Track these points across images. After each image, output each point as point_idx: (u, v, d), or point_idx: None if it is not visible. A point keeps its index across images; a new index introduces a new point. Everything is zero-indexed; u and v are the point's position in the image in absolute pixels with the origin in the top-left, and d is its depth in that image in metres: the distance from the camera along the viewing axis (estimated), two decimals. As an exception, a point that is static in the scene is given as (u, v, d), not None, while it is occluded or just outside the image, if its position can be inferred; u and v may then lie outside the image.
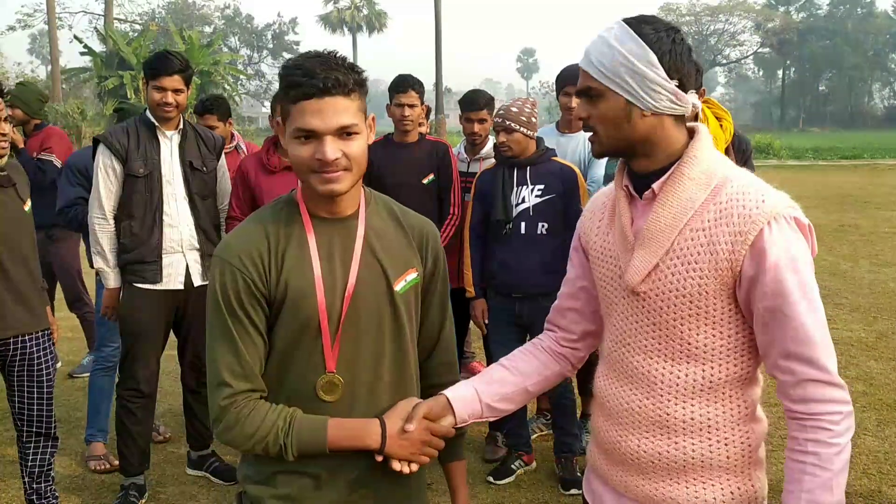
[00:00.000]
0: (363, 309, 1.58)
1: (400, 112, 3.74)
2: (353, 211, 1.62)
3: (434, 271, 1.72)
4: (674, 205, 1.44)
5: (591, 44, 1.47)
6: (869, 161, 27.79)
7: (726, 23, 67.39)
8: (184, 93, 3.43)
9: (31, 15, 43.12)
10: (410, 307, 1.65)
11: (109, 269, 3.45)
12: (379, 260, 1.60)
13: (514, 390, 1.71)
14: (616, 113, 1.44)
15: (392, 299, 1.61)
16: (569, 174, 3.59)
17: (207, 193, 3.58)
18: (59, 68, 32.46)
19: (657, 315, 1.47)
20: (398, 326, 1.62)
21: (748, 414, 1.49)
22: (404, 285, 1.63)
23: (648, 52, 1.41)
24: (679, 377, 1.47)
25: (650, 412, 1.50)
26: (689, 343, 1.45)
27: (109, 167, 3.38)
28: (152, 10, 57.20)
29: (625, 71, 1.41)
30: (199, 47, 33.83)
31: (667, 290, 1.44)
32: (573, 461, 3.77)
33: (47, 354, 3.09)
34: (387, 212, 1.68)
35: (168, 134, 3.47)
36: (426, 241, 1.70)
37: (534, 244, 3.54)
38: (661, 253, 1.44)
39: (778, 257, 1.35)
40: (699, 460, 1.48)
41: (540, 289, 3.57)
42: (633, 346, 1.52)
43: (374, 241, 1.61)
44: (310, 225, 1.58)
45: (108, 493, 3.68)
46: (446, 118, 29.13)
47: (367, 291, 1.58)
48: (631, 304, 1.52)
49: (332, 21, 60.68)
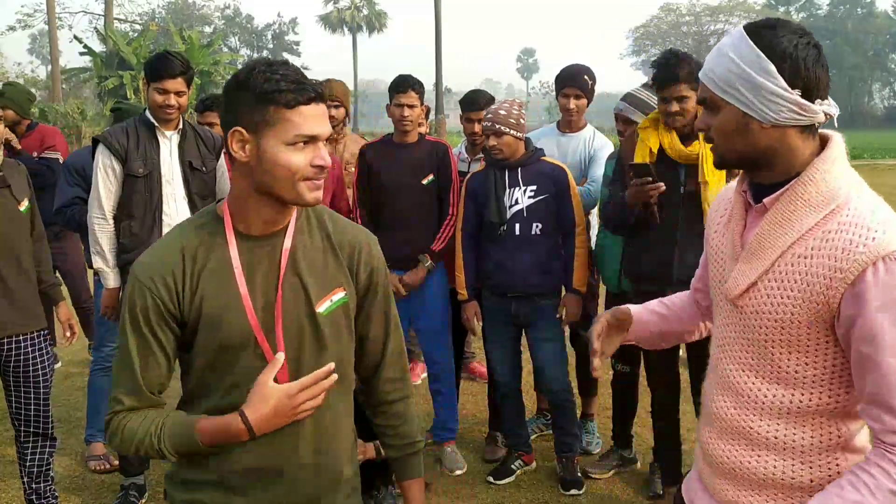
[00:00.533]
0: (287, 330, 1.55)
1: (399, 112, 3.74)
2: (282, 227, 1.57)
3: (369, 286, 1.66)
4: (781, 225, 1.37)
5: (710, 53, 1.41)
6: (869, 161, 27.77)
7: (726, 23, 67.40)
8: (185, 94, 3.43)
9: (31, 15, 43.08)
10: (339, 328, 1.61)
11: (109, 269, 3.44)
12: (302, 280, 1.56)
13: (668, 329, 1.82)
14: (733, 125, 1.37)
15: (314, 321, 1.57)
16: (560, 174, 3.59)
17: (207, 193, 3.58)
18: (59, 68, 32.47)
19: (751, 332, 1.42)
20: (319, 348, 1.58)
21: (840, 443, 1.41)
22: (329, 306, 1.59)
23: (765, 60, 1.32)
24: (766, 396, 1.42)
25: (736, 422, 1.47)
26: (779, 366, 1.39)
27: (109, 167, 3.38)
28: (152, 10, 57.23)
29: (739, 81, 1.34)
30: (199, 47, 33.81)
31: (761, 311, 1.39)
32: (574, 461, 3.77)
33: (43, 355, 3.08)
34: (318, 227, 1.63)
35: (168, 134, 3.47)
36: (358, 256, 1.64)
37: (528, 244, 3.54)
38: (760, 271, 1.39)
39: (877, 305, 1.26)
40: (780, 478, 1.43)
41: (535, 288, 3.57)
42: (729, 353, 1.49)
43: (299, 260, 1.57)
44: (233, 242, 1.55)
45: (108, 493, 3.68)
46: (446, 118, 29.13)
47: (290, 311, 1.55)
48: (731, 312, 1.48)
49: (332, 21, 60.66)
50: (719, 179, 3.06)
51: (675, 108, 3.05)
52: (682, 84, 3.02)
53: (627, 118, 3.67)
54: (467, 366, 5.19)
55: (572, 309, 3.61)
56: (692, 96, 3.04)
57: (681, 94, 3.03)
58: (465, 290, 3.73)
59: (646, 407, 4.13)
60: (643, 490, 3.71)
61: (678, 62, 3.02)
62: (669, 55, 3.09)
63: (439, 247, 3.78)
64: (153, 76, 3.38)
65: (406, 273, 3.78)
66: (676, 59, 3.04)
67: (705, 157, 3.04)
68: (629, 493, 3.70)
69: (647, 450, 3.89)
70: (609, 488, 3.75)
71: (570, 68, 4.07)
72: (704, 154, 3.05)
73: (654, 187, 3.01)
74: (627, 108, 3.69)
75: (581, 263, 3.60)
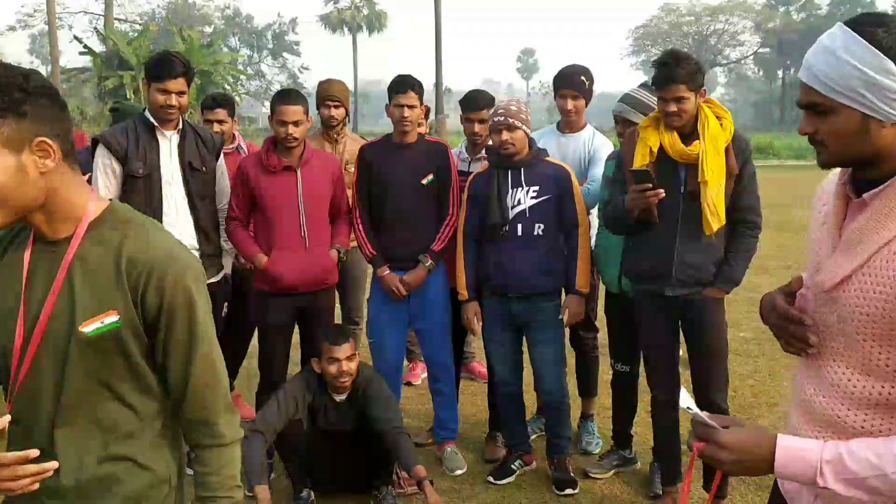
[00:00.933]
0: (50, 344, 1.47)
1: (399, 113, 3.74)
2: (67, 234, 1.48)
3: (159, 316, 1.49)
4: (880, 220, 1.36)
5: (812, 54, 1.36)
6: (869, 161, 27.75)
7: (726, 23, 67.30)
8: (186, 94, 3.44)
9: (31, 15, 43.22)
10: (109, 354, 1.48)
11: None
12: (73, 294, 1.46)
13: None
14: (851, 128, 1.34)
15: (77, 340, 1.46)
16: (563, 175, 3.59)
17: (207, 194, 3.58)
18: (59, 68, 32.43)
19: (842, 323, 1.42)
20: (85, 373, 1.48)
21: None
22: (98, 328, 1.46)
23: (883, 59, 1.29)
24: (856, 387, 1.41)
25: (825, 410, 1.46)
26: (869, 358, 1.39)
27: (108, 167, 3.38)
28: (152, 11, 57.26)
29: (859, 84, 1.30)
30: (199, 47, 33.84)
31: (853, 304, 1.39)
32: (566, 461, 3.77)
33: None
34: (115, 239, 1.48)
35: (167, 134, 3.47)
36: (146, 279, 1.46)
37: (530, 245, 3.54)
38: (855, 265, 1.38)
39: None
40: None
41: (535, 289, 3.57)
42: (822, 344, 1.49)
43: (76, 273, 1.47)
44: (31, 243, 1.50)
45: (108, 493, 3.67)
46: (446, 118, 29.12)
47: (57, 327, 1.46)
48: (824, 301, 1.47)
49: (332, 21, 60.68)
50: (719, 179, 3.07)
51: (673, 109, 3.06)
52: (680, 85, 3.02)
53: (626, 119, 3.67)
54: (467, 366, 5.19)
55: (574, 310, 3.61)
56: (691, 97, 3.05)
57: (679, 95, 3.04)
58: (466, 291, 3.72)
59: (646, 407, 4.12)
60: (643, 490, 3.71)
61: (677, 63, 3.03)
62: (669, 56, 3.09)
63: (439, 247, 3.78)
64: (154, 76, 3.38)
65: (406, 273, 3.78)
66: (676, 60, 3.04)
67: (705, 156, 3.05)
68: (629, 493, 3.70)
69: (647, 450, 3.89)
70: (609, 488, 3.75)
71: (567, 69, 4.07)
72: (704, 153, 3.05)
73: (654, 193, 3.01)
74: (626, 110, 3.68)
75: (584, 264, 3.59)
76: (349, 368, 3.40)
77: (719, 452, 1.38)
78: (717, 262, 3.18)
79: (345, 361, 3.38)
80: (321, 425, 3.52)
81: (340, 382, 3.41)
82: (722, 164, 3.07)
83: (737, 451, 1.37)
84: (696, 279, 3.19)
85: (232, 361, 4.53)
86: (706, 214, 3.08)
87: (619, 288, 3.66)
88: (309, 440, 3.46)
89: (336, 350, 3.37)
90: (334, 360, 3.37)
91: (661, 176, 3.14)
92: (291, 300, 3.66)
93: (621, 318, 3.77)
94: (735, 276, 3.21)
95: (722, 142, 3.10)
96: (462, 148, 4.38)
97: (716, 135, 3.09)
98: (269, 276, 3.58)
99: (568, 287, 3.63)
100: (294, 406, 3.42)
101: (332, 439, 3.50)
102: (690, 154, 3.08)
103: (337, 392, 3.49)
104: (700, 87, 3.09)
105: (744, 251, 3.21)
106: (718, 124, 3.11)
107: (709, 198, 3.06)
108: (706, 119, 3.10)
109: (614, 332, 3.89)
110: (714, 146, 3.06)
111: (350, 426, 3.50)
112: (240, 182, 3.64)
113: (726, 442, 1.37)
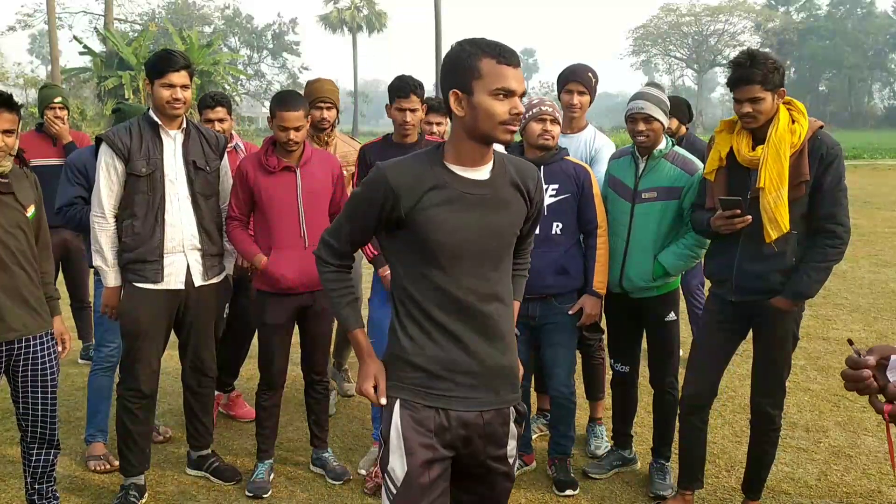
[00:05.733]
0: None
1: (401, 117, 3.75)
2: None
3: None
4: None
5: None
6: (869, 161, 27.77)
7: (726, 23, 67.30)
8: (189, 89, 3.44)
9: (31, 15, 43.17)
10: None
11: (108, 268, 3.45)
12: None
13: None
14: None
15: None
16: (583, 174, 3.58)
17: (210, 193, 3.58)
18: (59, 68, 32.45)
19: None
20: None
21: None
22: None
23: None
24: None
25: None
26: None
27: (111, 166, 3.38)
28: (152, 11, 57.23)
29: None
30: (199, 47, 33.83)
31: None
32: (567, 462, 3.77)
33: (52, 356, 3.10)
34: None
35: (171, 133, 3.47)
36: None
37: (548, 244, 3.53)
38: None
39: None
40: None
41: (552, 290, 3.56)
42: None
43: None
44: None
45: (108, 493, 3.68)
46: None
47: None
48: None
49: (331, 21, 60.64)
50: (779, 185, 2.97)
51: (748, 110, 2.98)
52: (756, 85, 2.94)
53: (648, 115, 3.53)
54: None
55: (590, 310, 3.59)
56: (767, 98, 2.97)
57: (755, 96, 2.96)
58: None
59: (646, 407, 4.13)
60: (643, 490, 3.71)
61: (752, 62, 2.94)
62: (745, 56, 3.00)
63: (439, 247, 3.77)
64: (157, 73, 3.38)
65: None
66: (752, 60, 2.95)
67: (765, 162, 2.98)
68: (629, 493, 3.70)
69: (647, 450, 3.89)
70: (609, 488, 3.75)
71: (575, 65, 4.08)
72: (764, 159, 2.98)
73: (742, 221, 3.00)
74: (647, 105, 3.54)
75: (602, 265, 3.57)
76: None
77: None
78: (786, 271, 3.06)
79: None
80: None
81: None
82: (783, 169, 2.96)
83: None
84: (759, 288, 3.10)
85: (232, 361, 4.56)
86: (764, 222, 2.99)
87: (620, 288, 3.66)
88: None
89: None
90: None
91: (732, 181, 3.10)
92: (291, 300, 3.66)
93: (622, 319, 3.77)
94: (802, 288, 3.05)
95: (786, 146, 2.98)
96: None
97: (781, 139, 2.98)
98: (269, 276, 3.58)
99: (585, 287, 3.62)
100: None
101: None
102: (754, 159, 3.02)
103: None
104: (778, 87, 2.99)
105: (816, 262, 3.02)
106: (788, 128, 3.01)
107: (767, 204, 2.97)
108: (777, 122, 3.00)
109: (615, 333, 3.88)
110: (776, 151, 2.96)
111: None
112: (239, 182, 3.64)
113: None
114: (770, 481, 3.73)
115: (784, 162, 2.96)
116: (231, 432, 4.42)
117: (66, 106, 5.28)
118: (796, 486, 3.72)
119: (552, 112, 3.53)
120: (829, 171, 2.97)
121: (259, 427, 3.81)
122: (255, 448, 3.85)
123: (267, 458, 3.80)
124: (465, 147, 2.01)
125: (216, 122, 4.25)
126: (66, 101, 5.34)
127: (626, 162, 3.65)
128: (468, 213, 2.00)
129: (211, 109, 4.27)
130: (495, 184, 2.05)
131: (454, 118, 1.99)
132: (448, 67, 1.98)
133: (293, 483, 3.80)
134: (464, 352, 2.02)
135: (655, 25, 67.25)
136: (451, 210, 1.98)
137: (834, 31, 68.87)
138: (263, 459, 3.79)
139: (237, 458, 4.08)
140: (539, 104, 3.58)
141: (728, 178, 3.14)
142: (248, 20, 68.72)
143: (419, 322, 2.04)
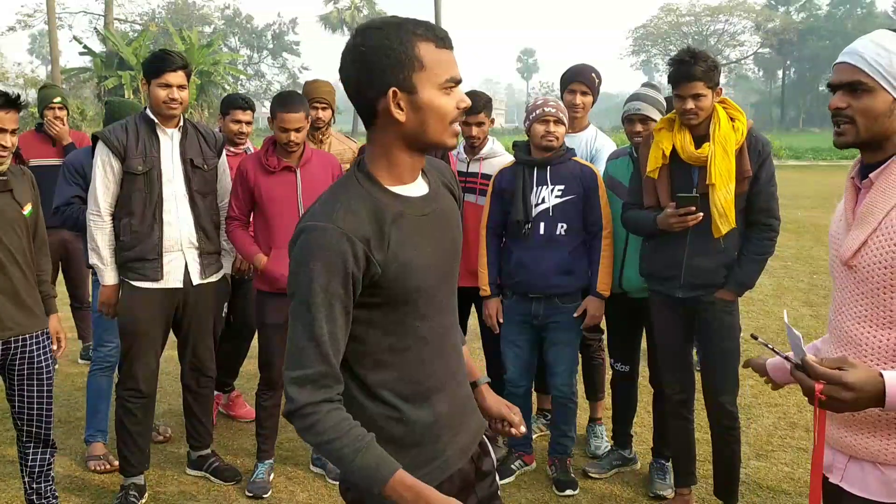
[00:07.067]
0: None
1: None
2: None
3: None
4: (885, 192, 1.66)
5: (862, 45, 1.67)
6: (869, 161, 27.74)
7: (726, 23, 67.27)
8: (186, 89, 3.44)
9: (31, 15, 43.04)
10: None
11: (104, 266, 3.45)
12: None
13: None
14: (881, 109, 1.66)
15: None
16: (589, 175, 3.58)
17: (208, 191, 3.58)
18: (59, 68, 32.44)
19: (864, 285, 1.69)
20: None
21: None
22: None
23: None
24: (882, 341, 1.67)
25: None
26: (891, 310, 1.65)
27: (108, 164, 3.38)
28: (152, 11, 57.23)
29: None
30: (199, 47, 33.84)
31: (872, 264, 1.66)
32: (567, 462, 3.77)
33: (47, 355, 3.10)
34: None
35: (168, 131, 3.47)
36: None
37: (552, 245, 3.53)
38: (869, 231, 1.67)
39: None
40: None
41: (556, 289, 3.56)
42: (846, 313, 1.74)
43: None
44: None
45: (108, 493, 3.68)
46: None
47: None
48: (846, 276, 1.74)
49: (332, 21, 60.65)
50: (728, 182, 3.03)
51: (690, 106, 3.02)
52: (699, 82, 2.99)
53: (646, 116, 3.57)
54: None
55: (593, 312, 3.59)
56: (708, 94, 3.02)
57: (697, 92, 3.01)
58: (488, 287, 3.71)
59: (646, 407, 4.13)
60: (643, 490, 3.71)
61: (695, 60, 2.99)
62: (686, 53, 3.06)
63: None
64: (153, 73, 3.38)
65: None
66: (693, 57, 3.00)
67: (713, 158, 3.02)
68: (629, 493, 3.70)
69: (647, 450, 3.89)
70: (609, 488, 3.75)
71: (578, 66, 4.08)
72: (713, 156, 3.02)
73: (694, 218, 3.02)
74: (644, 107, 3.57)
75: (606, 266, 3.57)
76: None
77: (843, 392, 1.51)
78: (729, 265, 3.14)
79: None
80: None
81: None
82: (731, 166, 3.03)
83: (857, 390, 1.51)
84: (707, 282, 3.16)
85: (232, 361, 4.56)
86: (714, 217, 3.04)
87: (620, 288, 3.66)
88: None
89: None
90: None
91: (675, 179, 3.13)
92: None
93: (621, 318, 3.77)
94: (744, 279, 3.15)
95: (732, 143, 3.05)
96: (461, 148, 4.37)
97: (726, 136, 3.04)
98: (269, 276, 3.58)
99: (589, 289, 3.61)
100: None
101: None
102: (700, 157, 3.06)
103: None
104: (716, 85, 3.06)
105: (756, 254, 3.14)
106: (730, 125, 3.07)
107: (717, 200, 3.03)
108: (718, 120, 3.06)
109: (614, 332, 3.89)
110: (723, 148, 3.02)
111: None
112: (239, 182, 3.64)
113: (851, 382, 1.51)
114: (770, 481, 3.73)
115: (731, 158, 3.04)
116: (231, 432, 4.42)
117: (65, 106, 5.29)
118: (796, 486, 3.72)
119: (555, 113, 3.53)
120: (764, 166, 3.10)
121: (259, 427, 3.81)
122: (255, 448, 3.85)
123: (267, 458, 3.80)
124: (401, 161, 1.59)
125: (244, 123, 4.28)
126: (66, 102, 5.35)
127: (624, 162, 3.66)
128: (428, 239, 1.60)
129: (242, 111, 4.30)
130: (437, 195, 1.68)
131: (383, 127, 1.55)
132: (370, 63, 1.50)
133: (293, 483, 3.80)
134: (444, 401, 1.67)
135: (655, 25, 67.21)
136: (415, 245, 1.57)
137: (834, 32, 68.87)
138: (263, 459, 3.79)
139: (237, 458, 4.08)
140: (543, 105, 3.57)
141: (671, 175, 3.15)
142: (248, 20, 68.76)
143: (398, 391, 1.61)
